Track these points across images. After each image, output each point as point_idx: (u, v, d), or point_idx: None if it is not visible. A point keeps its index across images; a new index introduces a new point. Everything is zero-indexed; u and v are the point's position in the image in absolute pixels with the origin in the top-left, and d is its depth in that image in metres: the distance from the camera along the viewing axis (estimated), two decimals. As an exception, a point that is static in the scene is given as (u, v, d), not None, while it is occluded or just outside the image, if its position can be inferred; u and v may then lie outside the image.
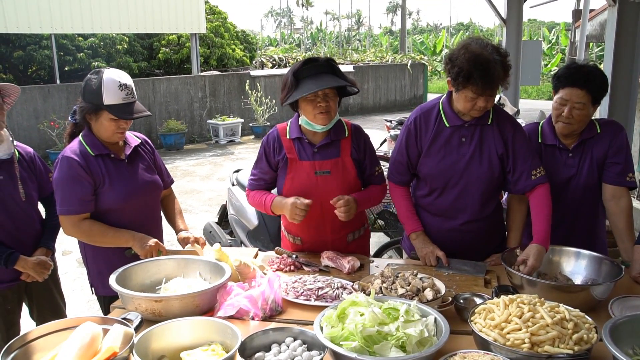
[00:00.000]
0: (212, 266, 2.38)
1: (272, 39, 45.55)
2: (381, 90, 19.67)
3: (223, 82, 14.72)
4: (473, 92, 2.42)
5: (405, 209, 2.78)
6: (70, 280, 5.48)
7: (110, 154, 2.64)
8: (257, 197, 2.78)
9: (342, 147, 2.74)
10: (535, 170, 2.56)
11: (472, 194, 2.63)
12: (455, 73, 2.43)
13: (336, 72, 2.62)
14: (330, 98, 2.60)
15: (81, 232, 2.59)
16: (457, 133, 2.61)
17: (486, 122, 2.59)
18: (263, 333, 1.84)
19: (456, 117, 2.60)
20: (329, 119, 2.62)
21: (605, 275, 2.29)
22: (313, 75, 2.56)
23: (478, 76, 2.36)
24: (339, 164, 2.72)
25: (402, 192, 2.81)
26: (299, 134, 2.72)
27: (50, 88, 11.84)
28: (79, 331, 1.75)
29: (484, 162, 2.59)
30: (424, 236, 2.70)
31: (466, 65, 2.38)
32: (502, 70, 2.40)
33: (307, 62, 2.60)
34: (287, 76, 2.62)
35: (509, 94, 8.28)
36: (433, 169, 2.66)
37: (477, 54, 2.37)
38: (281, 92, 2.66)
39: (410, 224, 2.75)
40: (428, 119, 2.67)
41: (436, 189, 2.70)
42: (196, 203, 8.45)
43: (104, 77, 2.51)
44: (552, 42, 29.31)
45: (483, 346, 1.74)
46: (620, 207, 2.64)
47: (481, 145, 2.59)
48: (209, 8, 18.57)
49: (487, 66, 2.35)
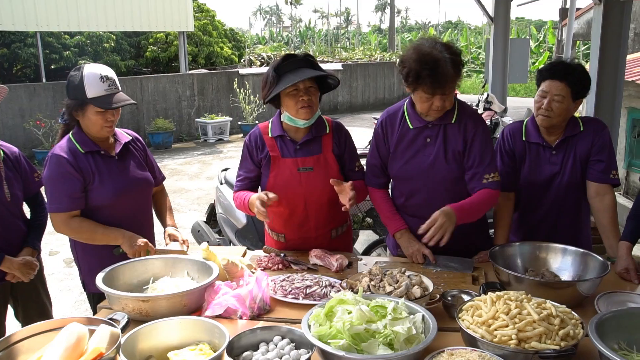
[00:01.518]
0: (200, 265, 2.37)
1: (260, 37, 45.44)
2: (370, 89, 19.70)
3: (211, 80, 14.67)
4: (425, 92, 2.41)
5: (387, 210, 2.77)
6: (57, 281, 5.44)
7: (101, 151, 2.64)
8: (240, 198, 2.76)
9: (324, 143, 2.75)
10: (489, 174, 2.54)
11: (442, 194, 2.61)
12: (405, 74, 2.43)
13: (315, 66, 2.63)
14: (311, 92, 2.61)
15: (71, 229, 2.58)
16: (421, 134, 2.61)
17: (450, 121, 2.58)
18: (251, 332, 1.84)
19: (419, 118, 2.60)
20: (311, 113, 2.63)
21: (591, 271, 2.30)
22: (293, 70, 2.57)
23: (426, 75, 2.34)
24: (321, 160, 2.73)
25: (381, 194, 2.80)
26: (280, 132, 2.73)
27: (36, 86, 11.73)
28: (65, 332, 1.73)
29: (450, 161, 2.58)
30: (409, 234, 2.68)
31: (414, 65, 2.36)
32: (452, 68, 2.36)
33: (287, 58, 2.61)
34: (268, 73, 2.62)
35: (496, 91, 8.32)
36: (400, 171, 2.67)
37: (426, 53, 2.36)
38: (262, 90, 2.66)
39: (393, 224, 2.73)
40: (393, 122, 2.68)
41: (405, 191, 2.71)
42: (184, 202, 8.42)
43: (84, 71, 2.53)
44: (539, 40, 29.49)
45: (470, 343, 1.74)
46: (605, 204, 2.66)
47: (445, 144, 2.58)
48: (197, 6, 18.50)
49: (435, 65, 2.33)
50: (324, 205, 2.76)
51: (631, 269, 2.42)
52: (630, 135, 7.81)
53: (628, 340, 1.76)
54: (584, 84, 2.63)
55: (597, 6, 5.29)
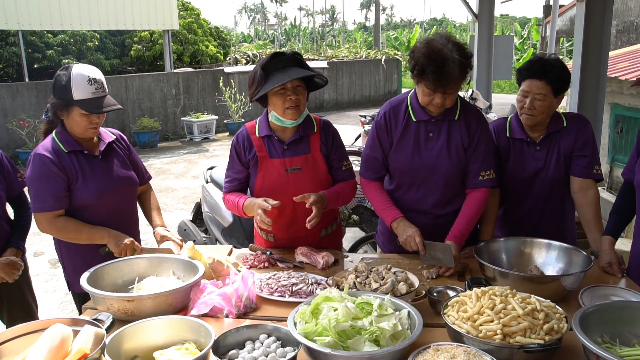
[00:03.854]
0: (186, 264, 2.35)
1: (246, 35, 45.26)
2: (355, 86, 19.71)
3: (197, 79, 14.59)
4: (426, 87, 2.42)
5: (382, 201, 2.72)
6: (43, 282, 5.39)
7: (84, 150, 2.62)
8: (232, 200, 2.75)
9: (312, 142, 2.74)
10: (485, 171, 2.58)
11: (441, 188, 2.65)
12: (412, 66, 2.44)
13: (303, 65, 2.62)
14: (299, 92, 2.60)
15: (56, 229, 2.56)
16: (424, 128, 2.62)
17: (453, 118, 2.60)
18: (237, 330, 1.83)
19: (423, 111, 2.60)
20: (298, 113, 2.62)
21: (575, 265, 2.33)
22: (281, 69, 2.56)
23: (431, 72, 2.35)
24: (309, 160, 2.72)
25: (376, 185, 2.77)
26: (268, 132, 2.71)
27: (19, 86, 11.58)
28: (48, 333, 1.71)
29: (452, 157, 2.60)
30: (404, 221, 2.62)
31: (422, 59, 2.37)
32: (459, 70, 2.37)
33: (275, 56, 2.60)
34: (255, 71, 2.60)
35: (481, 88, 8.36)
36: (402, 163, 2.66)
37: (436, 50, 2.36)
38: (249, 88, 2.64)
39: (388, 214, 2.67)
40: (397, 113, 2.66)
41: (404, 183, 2.71)
42: (171, 201, 8.37)
43: (72, 72, 2.50)
44: (523, 37, 29.69)
45: (456, 338, 1.75)
46: (588, 199, 2.69)
47: (449, 140, 2.60)
48: (182, 4, 18.37)
49: (442, 64, 2.34)
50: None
51: (614, 263, 2.45)
52: (613, 130, 7.90)
53: (611, 333, 1.79)
54: (563, 79, 2.65)
55: (580, 3, 5.33)
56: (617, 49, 9.38)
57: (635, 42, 9.70)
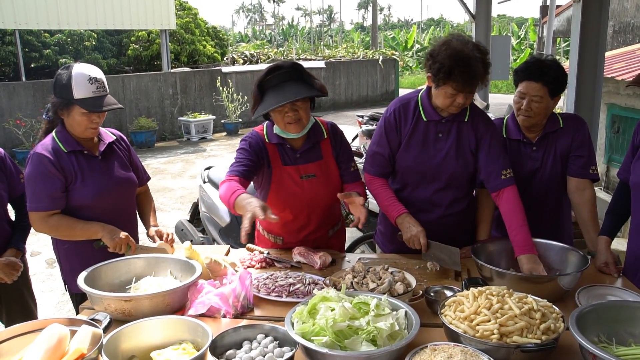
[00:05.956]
0: (183, 264, 2.35)
1: (243, 35, 45.26)
2: (353, 86, 19.71)
3: (194, 78, 14.57)
4: (453, 88, 2.41)
5: (386, 196, 2.69)
6: (40, 282, 5.37)
7: (84, 151, 2.61)
8: (227, 190, 2.40)
9: (323, 148, 2.72)
10: (505, 170, 2.56)
11: (447, 190, 2.65)
12: (437, 69, 2.41)
13: (303, 76, 2.56)
14: (299, 107, 2.53)
15: (49, 227, 2.55)
16: (434, 128, 2.62)
17: (463, 119, 2.61)
18: (234, 330, 1.83)
19: (434, 112, 2.60)
20: (301, 126, 2.58)
21: (571, 265, 2.33)
22: (276, 86, 2.50)
23: (459, 73, 2.35)
24: (323, 166, 2.70)
25: (381, 182, 2.75)
26: (278, 140, 2.66)
27: (16, 85, 11.56)
28: (46, 333, 1.71)
29: (460, 158, 2.60)
30: (410, 217, 2.59)
31: (447, 61, 2.36)
32: (482, 67, 2.39)
33: (270, 72, 2.53)
34: (254, 88, 2.57)
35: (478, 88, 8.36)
36: (410, 162, 2.66)
37: (459, 51, 2.37)
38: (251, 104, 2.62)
39: (393, 209, 2.64)
40: (407, 111, 2.66)
41: (410, 183, 2.71)
42: (168, 201, 8.37)
43: (73, 71, 2.49)
44: (521, 37, 29.75)
45: (453, 338, 1.75)
46: (585, 199, 2.69)
47: (458, 141, 2.60)
48: (179, 4, 18.37)
49: (468, 63, 2.35)
50: (326, 209, 2.76)
51: (610, 263, 2.46)
52: (610, 130, 7.92)
53: (608, 332, 1.79)
54: (560, 80, 2.65)
55: (577, 4, 5.34)
56: (614, 50, 9.40)
57: (632, 42, 9.72)
